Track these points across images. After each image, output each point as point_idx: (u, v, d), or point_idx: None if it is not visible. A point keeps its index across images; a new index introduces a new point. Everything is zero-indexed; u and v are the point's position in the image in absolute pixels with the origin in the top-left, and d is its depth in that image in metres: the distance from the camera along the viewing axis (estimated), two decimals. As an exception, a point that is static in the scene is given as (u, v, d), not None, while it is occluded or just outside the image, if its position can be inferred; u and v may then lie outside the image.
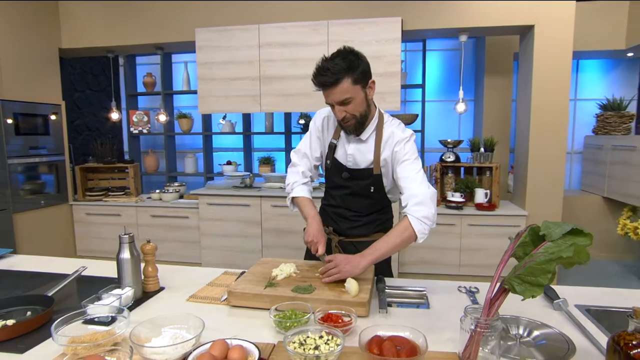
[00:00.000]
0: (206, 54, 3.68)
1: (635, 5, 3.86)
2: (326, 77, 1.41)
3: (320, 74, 1.42)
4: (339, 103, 1.46)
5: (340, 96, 1.43)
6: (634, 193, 3.53)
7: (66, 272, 1.55)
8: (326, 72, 1.40)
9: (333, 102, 1.47)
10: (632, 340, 0.81)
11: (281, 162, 4.95)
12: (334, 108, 1.49)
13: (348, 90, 1.42)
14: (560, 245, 0.95)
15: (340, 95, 1.43)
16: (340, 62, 1.40)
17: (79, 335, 1.04)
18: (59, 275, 1.66)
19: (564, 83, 3.16)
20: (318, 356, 0.89)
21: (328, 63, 1.41)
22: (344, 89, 1.42)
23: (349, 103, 1.45)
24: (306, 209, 1.63)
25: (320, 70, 1.42)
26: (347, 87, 1.42)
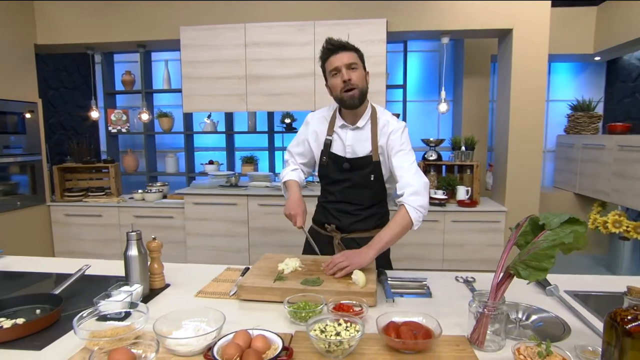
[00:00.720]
0: (191, 52, 3.66)
1: (602, 12, 4.09)
2: (337, 42, 1.58)
3: (331, 42, 1.58)
4: (347, 66, 1.56)
5: (349, 59, 1.56)
6: (603, 189, 3.74)
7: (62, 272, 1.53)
8: (335, 40, 1.58)
9: (342, 64, 1.56)
10: (627, 316, 0.89)
11: (264, 162, 4.96)
12: (340, 73, 1.57)
13: (355, 58, 1.58)
14: (559, 233, 1.03)
15: (349, 58, 1.56)
16: (346, 41, 1.60)
17: (99, 330, 1.04)
18: (58, 275, 1.64)
19: (541, 85, 3.32)
20: (341, 341, 0.94)
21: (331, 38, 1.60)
22: (352, 55, 1.58)
23: (356, 69, 1.58)
24: (289, 187, 1.79)
25: (332, 39, 1.59)
26: (354, 56, 1.59)
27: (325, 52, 1.60)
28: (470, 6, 3.34)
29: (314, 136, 1.77)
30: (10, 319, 1.18)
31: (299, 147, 1.84)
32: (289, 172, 1.84)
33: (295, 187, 1.78)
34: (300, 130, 1.85)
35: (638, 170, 3.27)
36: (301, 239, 3.73)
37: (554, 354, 0.85)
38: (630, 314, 0.89)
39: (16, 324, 1.15)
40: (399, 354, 0.99)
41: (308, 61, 3.54)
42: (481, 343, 1.04)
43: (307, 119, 1.83)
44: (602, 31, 4.08)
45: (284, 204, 1.75)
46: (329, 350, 0.95)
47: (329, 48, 1.59)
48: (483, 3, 3.32)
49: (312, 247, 1.75)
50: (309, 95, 3.60)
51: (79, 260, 1.78)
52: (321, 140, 1.75)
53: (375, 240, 1.48)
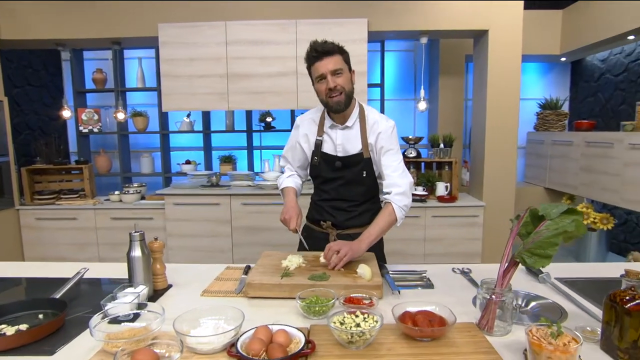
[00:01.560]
0: (170, 50, 3.58)
1: (567, 16, 4.31)
2: (325, 46, 1.58)
3: (317, 45, 1.58)
4: (332, 72, 1.58)
5: (334, 65, 1.58)
6: (571, 183, 3.95)
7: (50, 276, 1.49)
8: (319, 45, 1.58)
9: (327, 71, 1.58)
10: (625, 296, 0.97)
11: (243, 161, 4.92)
12: (326, 80, 1.59)
13: (340, 63, 1.60)
14: (558, 222, 1.10)
15: (334, 64, 1.58)
16: (331, 43, 1.60)
17: (114, 332, 1.02)
18: (49, 279, 1.59)
19: (515, 84, 3.47)
20: (363, 332, 0.97)
21: (317, 41, 1.60)
22: (337, 60, 1.59)
23: (341, 74, 1.60)
24: (285, 195, 1.83)
25: (316, 43, 1.59)
26: (340, 60, 1.60)
27: (310, 58, 1.61)
28: (448, 8, 3.44)
29: (305, 138, 1.80)
30: (11, 325, 1.14)
31: (292, 151, 1.87)
32: (285, 178, 1.87)
33: (292, 193, 1.81)
34: (292, 134, 1.88)
35: (603, 165, 3.48)
36: (285, 238, 3.74)
37: (564, 334, 0.91)
38: (628, 295, 0.97)
39: (20, 330, 1.11)
40: (415, 342, 1.03)
41: (290, 60, 3.55)
42: (490, 328, 1.09)
43: (296, 122, 1.85)
44: (567, 33, 4.31)
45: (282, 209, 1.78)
46: (351, 341, 0.98)
47: (313, 55, 1.59)
48: (460, 5, 3.43)
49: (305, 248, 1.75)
50: (291, 93, 3.60)
51: (62, 264, 1.72)
52: (312, 142, 1.78)
53: (365, 235, 1.57)
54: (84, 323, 1.17)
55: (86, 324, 1.16)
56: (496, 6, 3.41)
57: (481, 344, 1.02)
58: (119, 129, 4.51)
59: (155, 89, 4.47)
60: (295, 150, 1.84)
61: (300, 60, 3.56)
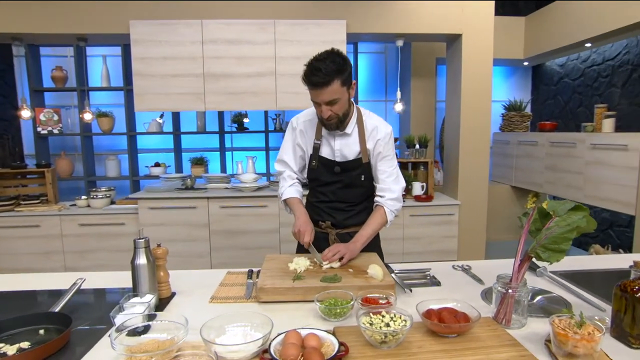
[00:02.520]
0: (143, 48, 3.44)
1: (529, 23, 4.55)
2: (318, 78, 1.47)
3: (313, 74, 1.48)
4: (327, 103, 1.53)
5: (329, 96, 1.51)
6: (537, 181, 4.18)
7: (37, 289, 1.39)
8: (318, 72, 1.47)
9: (322, 102, 1.54)
10: (635, 286, 1.04)
11: (215, 163, 4.81)
12: (320, 107, 1.56)
13: (337, 91, 1.51)
14: (566, 219, 1.15)
15: (329, 95, 1.51)
16: (330, 64, 1.47)
17: (133, 345, 0.97)
18: (38, 292, 1.48)
19: (487, 86, 3.63)
20: (396, 331, 0.97)
21: (320, 63, 1.47)
22: (333, 90, 1.50)
23: (336, 103, 1.54)
24: (294, 207, 1.76)
25: (313, 70, 1.48)
26: (336, 88, 1.50)
27: (307, 83, 1.52)
28: (424, 12, 3.54)
29: (304, 139, 1.77)
30: (10, 343, 1.05)
31: (293, 153, 1.80)
32: (287, 188, 1.79)
33: (301, 206, 1.75)
34: (288, 136, 1.81)
35: (567, 164, 3.71)
36: (264, 241, 3.69)
37: (587, 324, 0.96)
38: (637, 284, 1.03)
39: (22, 348, 1.03)
40: (441, 338, 1.04)
41: (269, 60, 3.51)
42: (508, 322, 1.13)
43: (292, 123, 1.80)
44: (530, 39, 4.55)
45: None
46: (384, 341, 0.98)
47: (309, 84, 1.51)
48: (436, 9, 3.53)
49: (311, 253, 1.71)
50: (270, 94, 3.57)
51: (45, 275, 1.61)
52: (310, 144, 1.76)
53: (358, 236, 1.65)
54: (90, 337, 1.11)
55: (92, 338, 1.10)
56: (469, 11, 3.54)
57: (504, 337, 1.06)
58: (82, 130, 4.27)
59: (122, 89, 4.28)
60: (296, 153, 1.80)
61: (280, 60, 3.53)
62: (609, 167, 3.22)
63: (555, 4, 4.12)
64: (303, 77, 1.53)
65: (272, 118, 4.57)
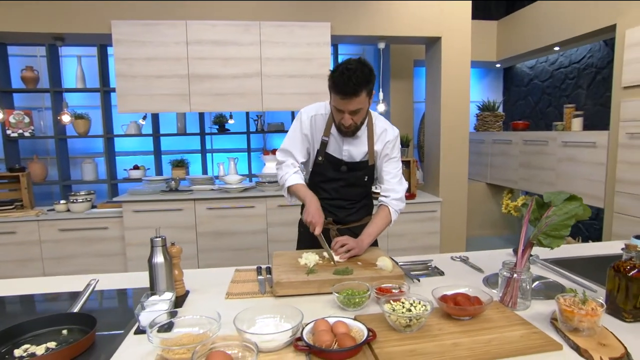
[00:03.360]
0: (125, 49, 3.38)
1: (501, 27, 4.78)
2: (349, 88, 1.51)
3: (345, 84, 1.50)
4: (351, 112, 1.59)
5: (355, 106, 1.56)
6: (512, 178, 4.38)
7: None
8: (349, 82, 1.49)
9: (347, 111, 1.58)
10: (627, 266, 1.15)
11: (196, 164, 4.77)
12: (343, 114, 1.60)
13: (362, 101, 1.56)
14: (562, 208, 1.26)
15: (355, 105, 1.56)
16: (360, 75, 1.50)
17: (169, 338, 0.99)
18: (48, 294, 1.46)
19: (465, 87, 3.78)
20: (419, 315, 1.04)
21: (351, 73, 1.49)
22: (360, 100, 1.55)
23: (358, 113, 1.60)
24: (302, 193, 1.71)
25: (345, 80, 1.50)
26: (363, 98, 1.56)
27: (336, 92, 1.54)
28: (406, 15, 3.65)
29: (312, 132, 1.77)
30: (35, 344, 1.04)
31: (300, 144, 1.77)
32: (291, 174, 1.74)
33: (310, 191, 1.71)
34: (295, 127, 1.78)
35: (540, 161, 3.92)
36: (253, 242, 3.70)
37: (589, 301, 1.05)
38: (629, 265, 1.15)
39: (49, 348, 1.02)
40: (457, 321, 1.12)
41: (254, 61, 3.53)
42: (514, 304, 1.22)
43: (301, 115, 1.78)
44: (502, 42, 4.77)
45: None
46: (409, 325, 1.04)
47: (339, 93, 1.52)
48: (417, 13, 3.65)
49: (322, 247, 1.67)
50: (256, 95, 3.58)
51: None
52: (317, 139, 1.78)
53: (365, 234, 1.70)
54: (112, 336, 1.11)
55: (115, 337, 1.11)
56: (448, 15, 3.68)
57: (513, 317, 1.14)
58: (57, 133, 4.14)
59: (98, 90, 4.19)
60: (303, 144, 1.77)
61: (265, 61, 3.56)
62: (579, 163, 3.43)
63: (525, 9, 4.35)
64: (331, 85, 1.55)
65: (253, 119, 4.58)
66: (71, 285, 1.48)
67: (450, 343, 1.01)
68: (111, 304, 1.43)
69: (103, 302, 1.42)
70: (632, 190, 2.93)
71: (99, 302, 1.42)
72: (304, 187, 1.73)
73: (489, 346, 0.99)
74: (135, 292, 1.47)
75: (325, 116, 1.77)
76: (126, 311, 1.36)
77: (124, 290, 1.50)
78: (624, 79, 2.98)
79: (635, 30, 2.91)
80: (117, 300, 1.45)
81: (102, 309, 1.35)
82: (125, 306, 1.45)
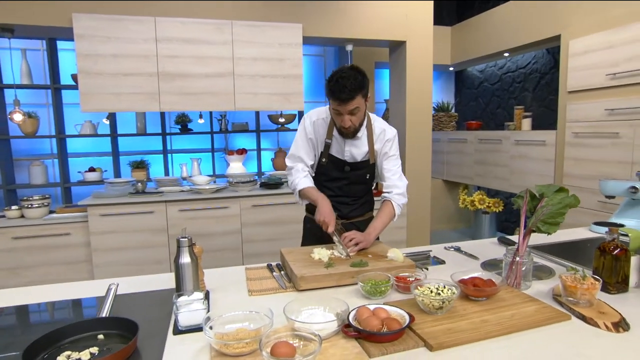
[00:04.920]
0: (89, 44, 3.20)
1: (455, 32, 5.10)
2: (344, 94, 1.63)
3: (340, 91, 1.63)
4: (350, 112, 1.69)
5: (353, 105, 1.68)
6: (467, 174, 4.71)
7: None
8: (344, 89, 1.62)
9: (345, 112, 1.69)
10: (611, 246, 1.34)
11: (157, 166, 4.60)
12: (342, 117, 1.71)
13: (358, 102, 1.68)
14: (553, 198, 1.43)
15: (352, 106, 1.68)
16: (354, 81, 1.63)
17: (224, 334, 1.01)
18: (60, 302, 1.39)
19: (428, 89, 4.01)
20: (450, 297, 1.15)
21: (345, 81, 1.62)
22: (355, 102, 1.67)
23: (356, 113, 1.72)
24: (314, 195, 1.82)
25: (340, 87, 1.62)
26: (358, 100, 1.68)
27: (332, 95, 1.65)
28: (374, 19, 3.81)
29: (316, 135, 1.87)
30: (75, 350, 1.02)
31: (308, 147, 1.88)
32: (301, 178, 1.86)
33: (321, 193, 1.81)
34: (300, 132, 1.89)
35: (493, 158, 4.25)
36: (226, 243, 3.69)
37: (587, 277, 1.22)
38: (612, 245, 1.34)
39: (93, 354, 1.00)
40: (475, 302, 1.24)
41: (226, 60, 3.50)
42: (518, 285, 1.37)
43: (304, 121, 1.89)
44: (455, 47, 5.10)
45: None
46: (441, 307, 1.15)
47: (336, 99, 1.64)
48: (384, 17, 3.82)
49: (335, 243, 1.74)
50: (228, 95, 3.55)
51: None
52: (321, 141, 1.88)
53: (371, 228, 1.81)
54: (151, 338, 1.10)
55: (156, 340, 1.10)
56: (413, 20, 3.89)
57: (522, 296, 1.29)
58: (-1, 133, 3.83)
59: (48, 87, 3.93)
60: (310, 148, 1.88)
61: (237, 61, 3.54)
62: (530, 159, 3.78)
63: (478, 17, 4.68)
64: (328, 92, 1.67)
65: (217, 119, 4.52)
66: (51, 295, 1.42)
67: (479, 320, 1.13)
68: (129, 307, 1.40)
69: (123, 306, 1.38)
70: (578, 183, 3.29)
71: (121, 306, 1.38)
72: (315, 190, 1.83)
73: (513, 320, 1.12)
74: (134, 296, 1.44)
75: (326, 120, 1.87)
76: (143, 314, 1.33)
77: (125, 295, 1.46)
78: (569, 84, 3.35)
79: (578, 41, 3.28)
80: (135, 303, 1.41)
81: (127, 313, 1.31)
82: (149, 308, 1.42)
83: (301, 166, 1.89)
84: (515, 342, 1.04)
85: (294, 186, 1.88)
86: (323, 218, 1.69)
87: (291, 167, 1.91)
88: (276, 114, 4.39)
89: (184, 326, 1.13)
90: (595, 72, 3.10)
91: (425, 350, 1.01)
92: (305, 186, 1.84)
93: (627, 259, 1.32)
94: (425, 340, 1.03)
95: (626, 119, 2.88)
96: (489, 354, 0.99)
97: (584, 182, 3.23)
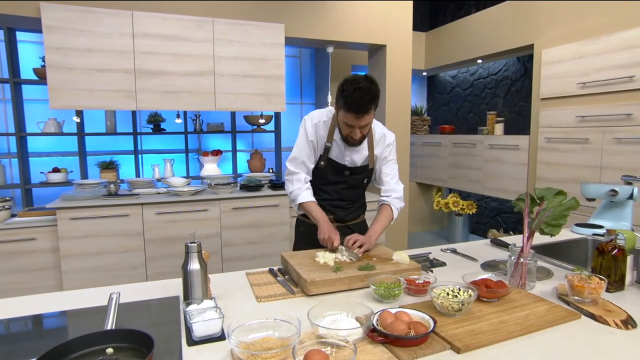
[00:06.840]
0: (59, 37, 3.01)
1: (429, 38, 5.23)
2: (361, 107, 1.60)
3: (358, 103, 1.59)
4: (362, 127, 1.69)
5: (365, 121, 1.67)
6: (441, 177, 4.83)
7: None
8: (361, 101, 1.59)
9: (358, 126, 1.67)
10: (609, 247, 1.40)
11: (129, 166, 4.41)
12: (353, 129, 1.69)
13: (371, 116, 1.68)
14: (553, 201, 1.48)
15: (366, 121, 1.67)
16: (370, 93, 1.60)
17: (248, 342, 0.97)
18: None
19: (407, 92, 4.08)
20: (469, 299, 1.16)
21: (362, 93, 1.58)
22: (369, 115, 1.67)
23: (367, 125, 1.72)
24: (314, 212, 1.81)
25: (357, 100, 1.58)
26: (371, 113, 1.68)
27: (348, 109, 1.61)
28: (355, 22, 3.83)
29: (316, 138, 1.84)
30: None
31: (309, 150, 1.84)
32: (304, 190, 1.83)
33: (322, 214, 1.79)
34: (302, 135, 1.84)
35: (468, 161, 4.38)
36: (206, 245, 3.62)
37: (593, 276, 1.27)
38: (610, 246, 1.40)
39: (106, 369, 0.93)
40: (487, 303, 1.26)
41: (207, 59, 3.40)
42: (524, 285, 1.41)
43: (305, 123, 1.85)
44: (430, 53, 5.22)
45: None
46: (460, 309, 1.15)
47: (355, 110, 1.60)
48: (365, 21, 3.85)
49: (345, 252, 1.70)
50: (208, 94, 3.45)
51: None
52: (321, 144, 1.85)
53: (372, 231, 1.81)
54: (165, 351, 1.04)
55: (170, 352, 1.04)
56: (393, 24, 3.95)
57: (530, 296, 1.32)
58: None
59: (7, 81, 3.66)
60: (312, 151, 1.84)
61: (218, 60, 3.45)
62: (504, 163, 3.93)
63: (453, 24, 4.82)
64: (343, 104, 1.63)
65: (191, 119, 4.38)
66: (38, 306, 1.32)
67: (497, 321, 1.14)
68: (127, 318, 1.31)
69: (126, 316, 1.29)
70: (550, 186, 3.44)
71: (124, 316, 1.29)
72: (316, 206, 1.81)
73: (529, 320, 1.15)
74: (132, 305, 1.36)
75: (327, 123, 1.85)
76: (148, 324, 1.26)
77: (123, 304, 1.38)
78: (542, 91, 3.51)
79: (550, 50, 3.44)
80: (137, 311, 1.33)
81: (129, 324, 1.23)
82: (142, 319, 1.34)
83: (303, 176, 1.85)
84: (535, 342, 1.06)
85: (294, 196, 1.85)
86: (327, 236, 1.67)
87: (293, 172, 1.86)
88: (255, 114, 4.32)
89: (199, 337, 1.08)
90: (567, 80, 3.27)
91: (452, 353, 1.02)
92: (306, 200, 1.82)
93: (624, 258, 1.39)
94: (452, 342, 1.03)
95: (596, 125, 3.05)
96: (516, 354, 1.00)
97: (556, 185, 3.39)
